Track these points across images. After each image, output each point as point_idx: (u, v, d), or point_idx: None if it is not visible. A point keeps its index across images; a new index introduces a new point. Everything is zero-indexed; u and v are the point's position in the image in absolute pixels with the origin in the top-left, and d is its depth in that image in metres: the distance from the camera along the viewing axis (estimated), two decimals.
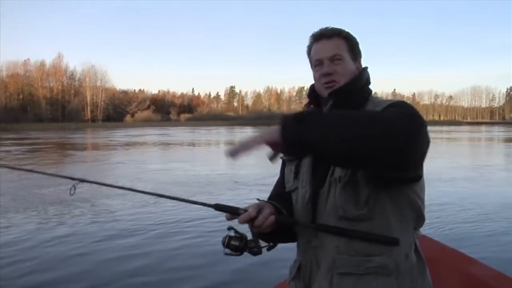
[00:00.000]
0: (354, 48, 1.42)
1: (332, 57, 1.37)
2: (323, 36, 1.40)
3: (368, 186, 1.25)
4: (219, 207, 1.33)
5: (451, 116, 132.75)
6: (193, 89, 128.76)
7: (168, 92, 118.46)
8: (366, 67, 1.44)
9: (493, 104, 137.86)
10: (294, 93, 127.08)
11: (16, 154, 20.84)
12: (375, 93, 1.47)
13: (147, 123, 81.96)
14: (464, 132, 50.68)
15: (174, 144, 29.56)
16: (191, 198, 1.48)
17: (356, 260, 1.26)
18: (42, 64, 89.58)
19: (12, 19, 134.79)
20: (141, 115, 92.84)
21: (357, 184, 1.26)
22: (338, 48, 1.38)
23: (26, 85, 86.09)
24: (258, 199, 1.36)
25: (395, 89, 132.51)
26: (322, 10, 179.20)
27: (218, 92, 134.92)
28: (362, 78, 1.40)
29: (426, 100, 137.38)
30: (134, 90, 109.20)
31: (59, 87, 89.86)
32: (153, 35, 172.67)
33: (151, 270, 4.70)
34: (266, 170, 11.81)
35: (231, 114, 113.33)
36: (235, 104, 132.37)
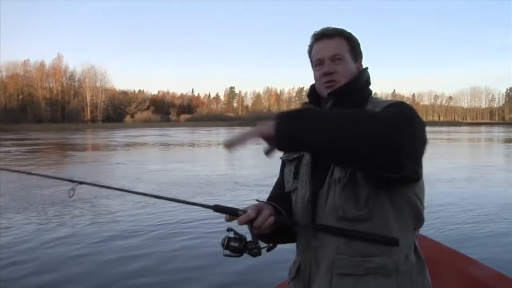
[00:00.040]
0: (355, 49, 1.42)
1: (333, 56, 1.37)
2: (325, 35, 1.40)
3: (368, 187, 1.25)
4: (218, 208, 1.33)
5: (450, 117, 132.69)
6: (192, 89, 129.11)
7: (167, 92, 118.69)
8: (366, 68, 1.43)
9: (492, 104, 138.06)
10: (294, 93, 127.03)
11: (16, 155, 20.82)
12: (375, 93, 1.47)
13: (147, 123, 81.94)
14: (464, 133, 50.66)
15: (174, 145, 29.55)
16: (190, 200, 1.48)
17: (355, 260, 1.26)
18: (42, 64, 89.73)
19: (11, 20, 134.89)
20: (140, 115, 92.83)
21: (356, 185, 1.26)
22: (339, 48, 1.38)
23: (25, 85, 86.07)
24: (258, 200, 1.36)
25: (394, 89, 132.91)
26: (322, 10, 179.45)
27: (217, 93, 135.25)
28: (362, 78, 1.40)
29: (426, 101, 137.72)
30: (134, 91, 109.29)
31: (59, 87, 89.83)
32: (152, 36, 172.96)
33: (151, 272, 4.70)
34: (266, 171, 11.81)
35: (231, 114, 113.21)
36: (235, 104, 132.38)
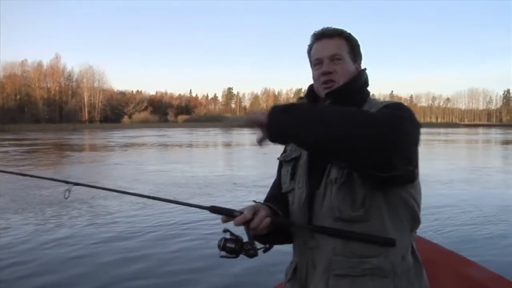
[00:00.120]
0: (355, 50, 1.42)
1: (332, 56, 1.37)
2: (325, 35, 1.40)
3: (364, 187, 1.25)
4: (214, 209, 1.33)
5: (448, 118, 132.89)
6: (190, 90, 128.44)
7: (165, 93, 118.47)
8: (365, 69, 1.43)
9: (490, 106, 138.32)
10: (292, 95, 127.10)
11: (14, 155, 20.77)
12: (373, 94, 1.47)
13: (145, 124, 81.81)
14: (462, 134, 50.77)
15: (172, 146, 29.52)
16: (187, 201, 1.48)
17: (352, 261, 1.26)
18: (40, 64, 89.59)
19: (9, 20, 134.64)
20: (138, 116, 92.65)
21: (353, 185, 1.26)
22: (339, 48, 1.38)
23: (23, 85, 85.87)
24: (255, 201, 1.36)
25: (392, 91, 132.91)
26: (322, 10, 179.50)
27: (215, 94, 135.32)
28: (361, 79, 1.40)
29: (424, 102, 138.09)
30: (132, 91, 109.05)
31: (57, 88, 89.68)
32: (151, 36, 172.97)
33: (149, 274, 4.67)
34: (264, 171, 11.83)
35: (229, 115, 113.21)
36: (233, 105, 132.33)
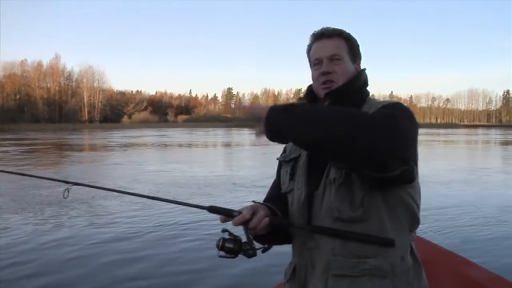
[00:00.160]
0: (354, 50, 1.41)
1: (332, 56, 1.37)
2: (324, 35, 1.40)
3: (363, 188, 1.24)
4: (213, 209, 1.33)
5: (448, 119, 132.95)
6: (190, 90, 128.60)
7: (165, 93, 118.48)
8: (364, 69, 1.43)
9: (490, 107, 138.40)
10: (292, 95, 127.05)
11: (14, 155, 20.77)
12: (372, 95, 1.46)
13: (144, 124, 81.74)
14: (461, 135, 50.78)
15: (172, 146, 29.52)
16: (187, 201, 1.48)
17: (351, 262, 1.25)
18: (39, 64, 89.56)
19: (9, 20, 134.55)
20: (138, 116, 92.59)
21: (351, 186, 1.25)
22: (338, 48, 1.37)
23: (23, 85, 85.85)
24: (254, 201, 1.36)
25: (392, 91, 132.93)
26: (322, 10, 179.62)
27: (215, 94, 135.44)
28: (360, 79, 1.39)
29: (423, 103, 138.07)
30: (132, 91, 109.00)
31: (56, 87, 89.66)
32: (151, 36, 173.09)
33: (149, 274, 4.65)
34: (264, 172, 11.83)
35: (229, 115, 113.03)
36: (233, 105, 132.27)
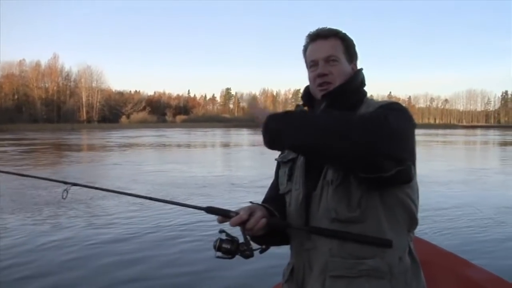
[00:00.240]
0: (350, 50, 1.41)
1: (327, 57, 1.36)
2: (319, 36, 1.39)
3: (360, 188, 1.24)
4: (210, 210, 1.33)
5: (446, 120, 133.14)
6: (189, 90, 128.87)
7: (164, 93, 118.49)
8: (361, 69, 1.42)
9: (488, 107, 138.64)
10: (290, 95, 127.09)
11: (13, 155, 20.75)
12: (371, 95, 1.46)
13: (143, 124, 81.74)
14: (460, 136, 50.85)
15: (170, 146, 29.51)
16: (185, 201, 1.48)
17: (348, 262, 1.25)
18: (38, 64, 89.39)
19: (9, 20, 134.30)
20: (136, 116, 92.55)
21: (349, 186, 1.25)
22: (334, 49, 1.37)
23: (21, 85, 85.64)
24: (251, 202, 1.36)
25: (390, 92, 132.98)
26: (322, 10, 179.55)
27: (214, 94, 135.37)
28: (357, 80, 1.39)
29: (422, 103, 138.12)
30: (130, 91, 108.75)
31: (55, 87, 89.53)
32: (150, 36, 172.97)
33: (147, 276, 4.64)
34: (263, 172, 11.82)
35: (227, 116, 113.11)
36: (231, 106, 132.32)
